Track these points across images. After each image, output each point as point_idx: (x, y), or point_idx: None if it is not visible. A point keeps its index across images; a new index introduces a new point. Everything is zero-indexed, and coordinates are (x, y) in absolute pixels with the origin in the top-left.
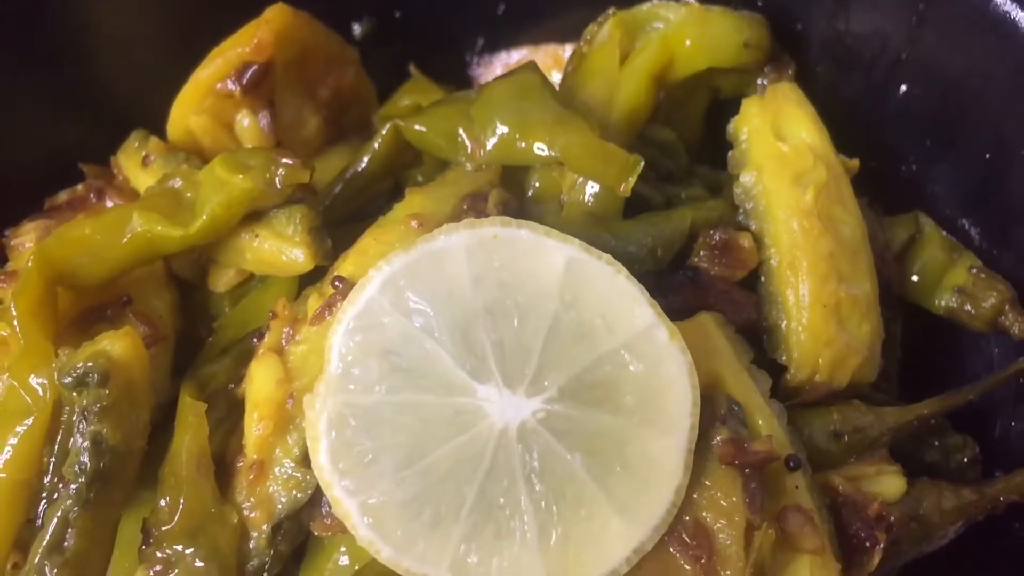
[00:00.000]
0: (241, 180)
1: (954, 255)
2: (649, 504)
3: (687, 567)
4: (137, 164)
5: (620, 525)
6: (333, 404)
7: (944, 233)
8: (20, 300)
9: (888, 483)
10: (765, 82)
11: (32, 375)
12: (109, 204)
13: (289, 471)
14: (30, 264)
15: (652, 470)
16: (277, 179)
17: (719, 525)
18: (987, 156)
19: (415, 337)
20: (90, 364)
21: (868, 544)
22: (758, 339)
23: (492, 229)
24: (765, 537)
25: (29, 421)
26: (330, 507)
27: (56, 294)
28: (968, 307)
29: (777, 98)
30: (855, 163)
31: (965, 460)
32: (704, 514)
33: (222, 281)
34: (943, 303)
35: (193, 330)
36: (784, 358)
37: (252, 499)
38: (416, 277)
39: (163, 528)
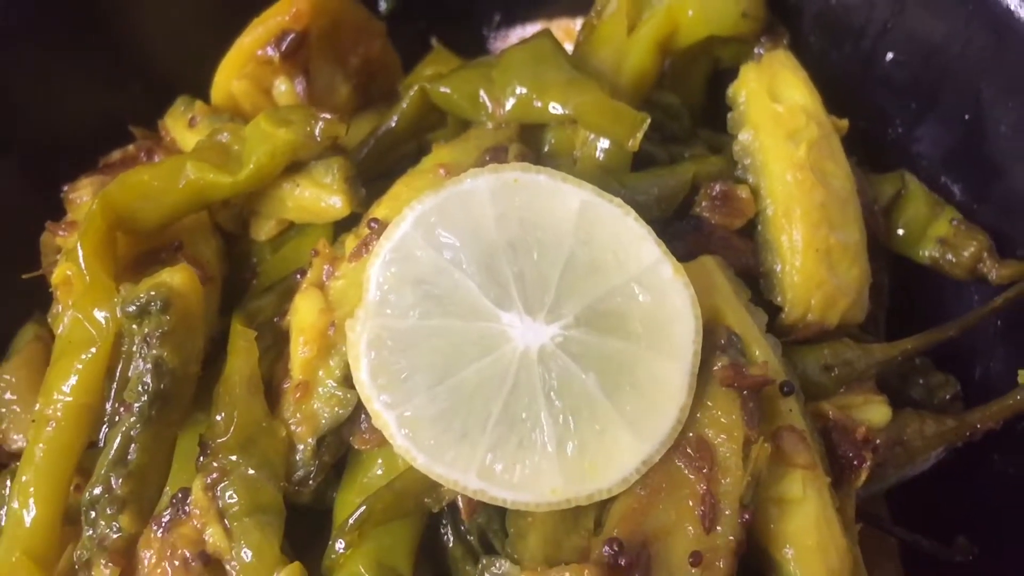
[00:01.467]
0: (284, 132)
1: (936, 209)
2: (656, 420)
3: (691, 476)
4: (184, 126)
5: (630, 439)
6: (372, 327)
7: (927, 189)
8: (86, 241)
9: (875, 411)
10: (761, 50)
11: (96, 309)
12: (159, 158)
13: (332, 390)
14: (94, 208)
15: (659, 390)
16: (316, 132)
17: (720, 440)
18: (966, 117)
19: (445, 268)
20: (152, 293)
21: (856, 463)
22: (755, 282)
23: (514, 174)
24: (761, 451)
25: (93, 351)
26: (369, 422)
27: (116, 238)
28: (949, 256)
29: (773, 64)
30: (845, 123)
31: (948, 397)
32: (706, 430)
33: (263, 230)
34: (927, 253)
35: (237, 276)
36: (779, 299)
37: (298, 415)
38: (446, 215)
39: (218, 441)
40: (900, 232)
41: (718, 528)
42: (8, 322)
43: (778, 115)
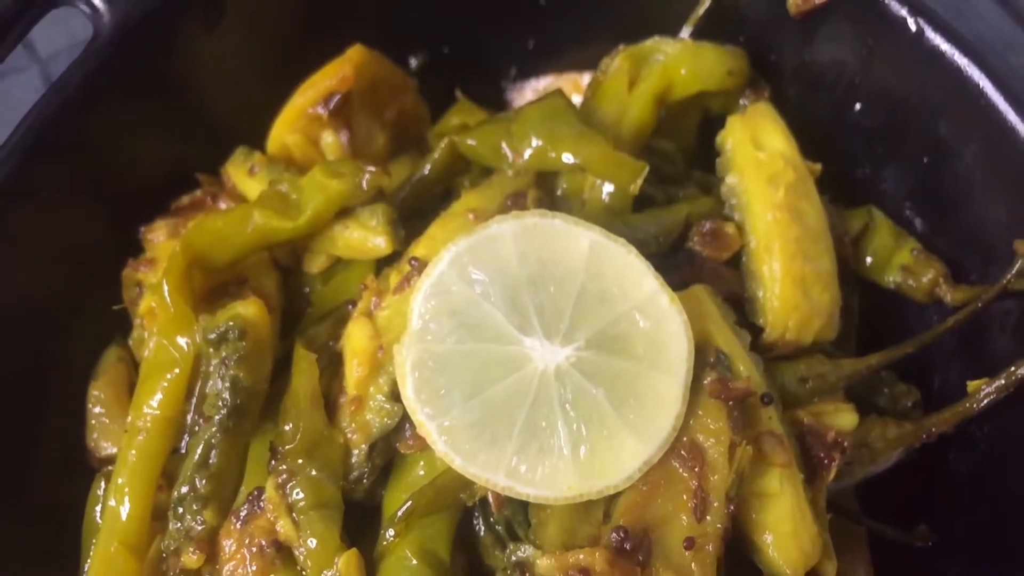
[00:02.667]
0: (336, 183)
1: (900, 240)
2: (655, 427)
3: (685, 474)
4: (244, 173)
5: (633, 443)
6: (415, 351)
7: (892, 223)
8: (169, 277)
9: (843, 418)
10: (746, 102)
11: (178, 336)
12: (222, 205)
13: (381, 404)
14: (176, 249)
15: (657, 402)
16: (364, 183)
17: (709, 443)
18: (925, 160)
19: (476, 301)
20: (231, 324)
21: (826, 463)
22: (741, 307)
23: (533, 219)
24: (744, 452)
25: (176, 371)
26: (413, 431)
27: (193, 274)
28: (911, 282)
29: (755, 115)
30: (818, 167)
31: (909, 404)
32: (697, 435)
33: (315, 265)
34: (891, 279)
35: (292, 304)
36: (761, 321)
37: (353, 425)
38: (476, 255)
39: (287, 447)
40: (868, 260)
41: (708, 518)
42: (94, 346)
43: (760, 161)
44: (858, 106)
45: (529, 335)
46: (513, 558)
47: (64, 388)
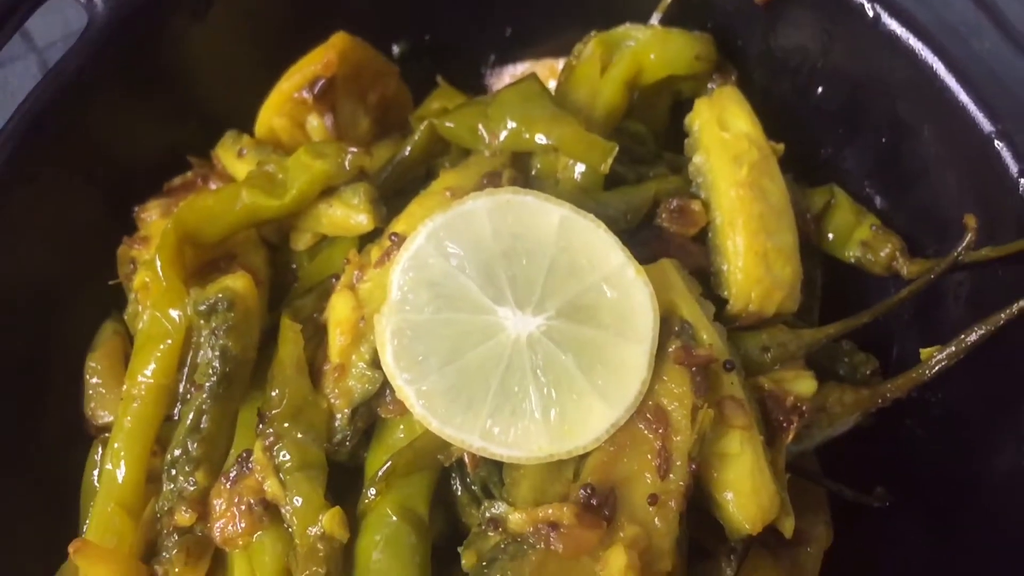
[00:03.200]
0: (320, 164)
1: (860, 217)
2: (622, 392)
3: (649, 436)
4: (233, 156)
5: (601, 406)
6: (394, 321)
7: (852, 200)
8: (162, 254)
9: (802, 384)
10: (713, 86)
11: (171, 309)
12: (212, 186)
13: (362, 371)
14: (168, 227)
15: (624, 368)
16: (346, 163)
17: (673, 407)
18: (884, 140)
19: (452, 273)
20: (220, 296)
21: (785, 426)
22: (706, 279)
23: (506, 196)
24: (706, 415)
25: (169, 342)
26: (393, 396)
27: (185, 251)
28: (870, 256)
29: (722, 98)
30: (781, 147)
31: (868, 372)
32: (662, 399)
33: (301, 242)
34: (852, 254)
35: (279, 279)
36: (725, 293)
37: (336, 391)
38: (452, 230)
39: (273, 412)
40: (830, 236)
41: (671, 476)
42: (91, 320)
43: (725, 141)
44: (820, 89)
45: (502, 305)
46: (487, 514)
47: (63, 361)
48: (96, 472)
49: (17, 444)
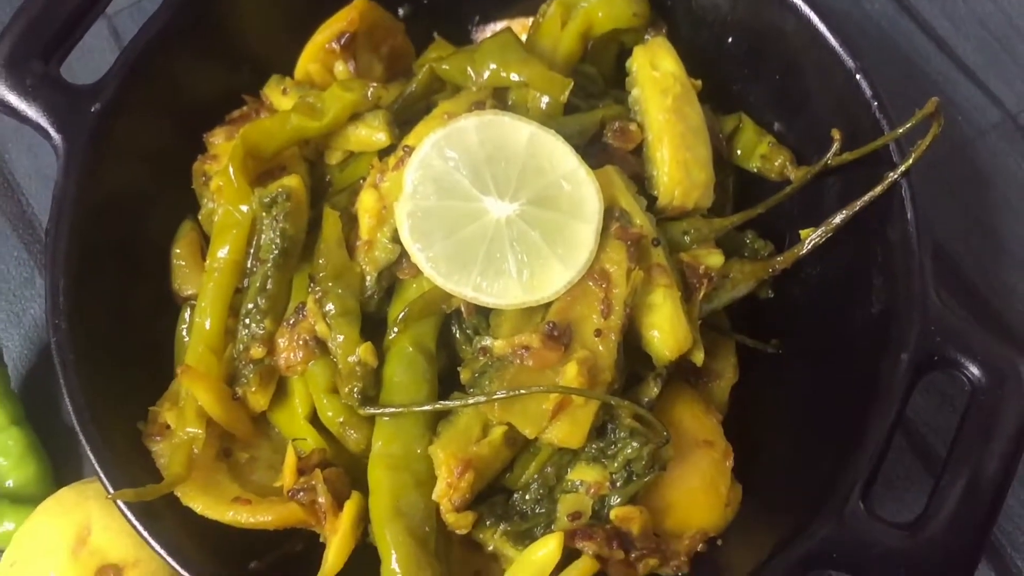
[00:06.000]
0: (349, 95)
1: (760, 136)
2: (576, 258)
3: (596, 289)
4: (278, 93)
5: (561, 269)
6: (408, 206)
7: (755, 124)
8: (234, 162)
9: (712, 258)
10: (648, 37)
11: (240, 204)
12: (263, 115)
13: (385, 244)
14: (238, 142)
15: (577, 241)
16: (369, 95)
17: (613, 269)
18: (778, 78)
19: (449, 172)
20: (280, 190)
21: (697, 287)
22: (641, 182)
23: (489, 116)
24: (637, 275)
25: (239, 229)
26: (408, 262)
27: (248, 162)
28: (768, 166)
29: (654, 46)
30: (699, 83)
31: (766, 254)
32: (605, 264)
33: (334, 157)
34: (754, 165)
35: (317, 187)
36: (655, 192)
37: (366, 259)
38: (449, 141)
39: (320, 275)
40: (738, 152)
41: (611, 317)
42: (173, 220)
43: (655, 79)
44: (730, 39)
45: (487, 195)
46: (478, 345)
47: (152, 251)
48: (185, 327)
49: (118, 318)
